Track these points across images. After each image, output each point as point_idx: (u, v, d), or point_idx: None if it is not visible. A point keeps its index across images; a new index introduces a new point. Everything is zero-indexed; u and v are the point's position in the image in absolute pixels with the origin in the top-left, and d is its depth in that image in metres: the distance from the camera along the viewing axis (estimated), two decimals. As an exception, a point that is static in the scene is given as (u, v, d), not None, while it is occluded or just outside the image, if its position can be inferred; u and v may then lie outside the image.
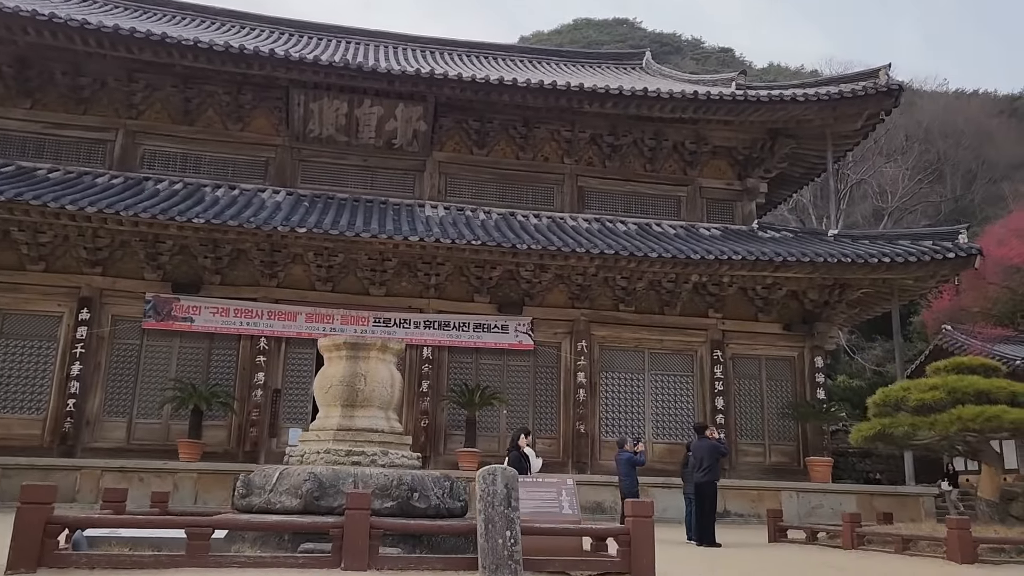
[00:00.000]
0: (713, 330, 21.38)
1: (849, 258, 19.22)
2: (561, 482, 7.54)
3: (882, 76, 21.02)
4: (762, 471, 20.68)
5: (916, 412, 9.87)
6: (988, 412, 8.88)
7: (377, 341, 7.24)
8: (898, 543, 8.14)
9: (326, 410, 7.30)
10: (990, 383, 9.37)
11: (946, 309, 23.58)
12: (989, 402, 9.26)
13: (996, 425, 8.89)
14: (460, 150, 22.45)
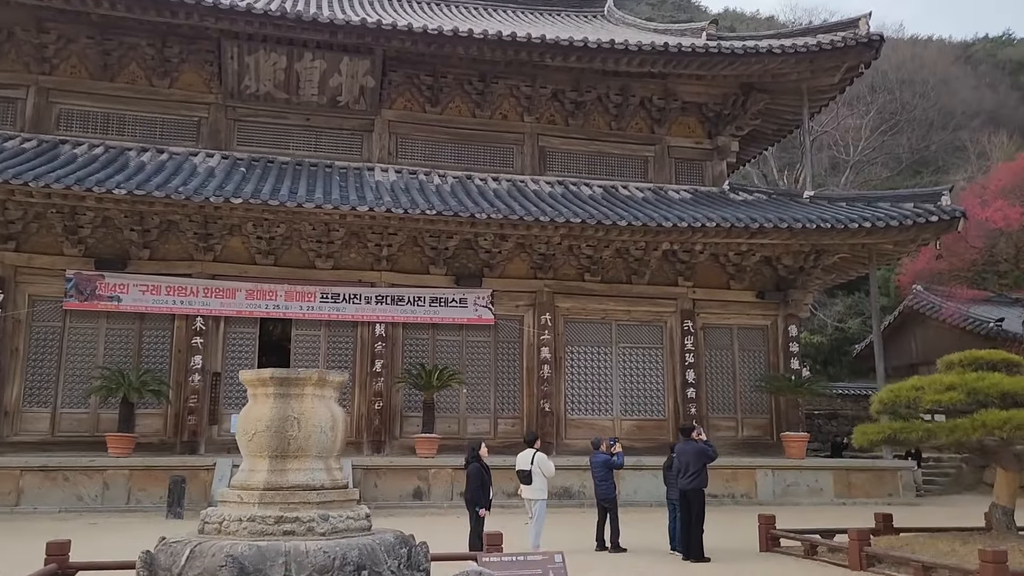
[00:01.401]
0: (683, 299, 20.27)
1: (828, 223, 18.15)
2: (548, 559, 6.17)
3: (862, 26, 19.73)
4: (734, 445, 19.84)
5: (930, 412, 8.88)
6: (1016, 418, 7.84)
7: (313, 375, 5.74)
8: (918, 570, 7.14)
9: (251, 462, 5.80)
10: (1015, 383, 8.33)
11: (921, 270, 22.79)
12: (1015, 404, 8.22)
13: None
14: (412, 108, 20.68)
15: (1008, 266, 20.82)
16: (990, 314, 23.74)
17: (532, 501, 10.85)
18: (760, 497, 17.47)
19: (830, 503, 17.56)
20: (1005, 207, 19.26)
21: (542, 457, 11.04)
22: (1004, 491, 8.82)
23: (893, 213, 18.52)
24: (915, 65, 64.25)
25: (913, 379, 9.19)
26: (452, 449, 17.00)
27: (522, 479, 11.03)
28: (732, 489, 17.43)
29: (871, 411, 10.18)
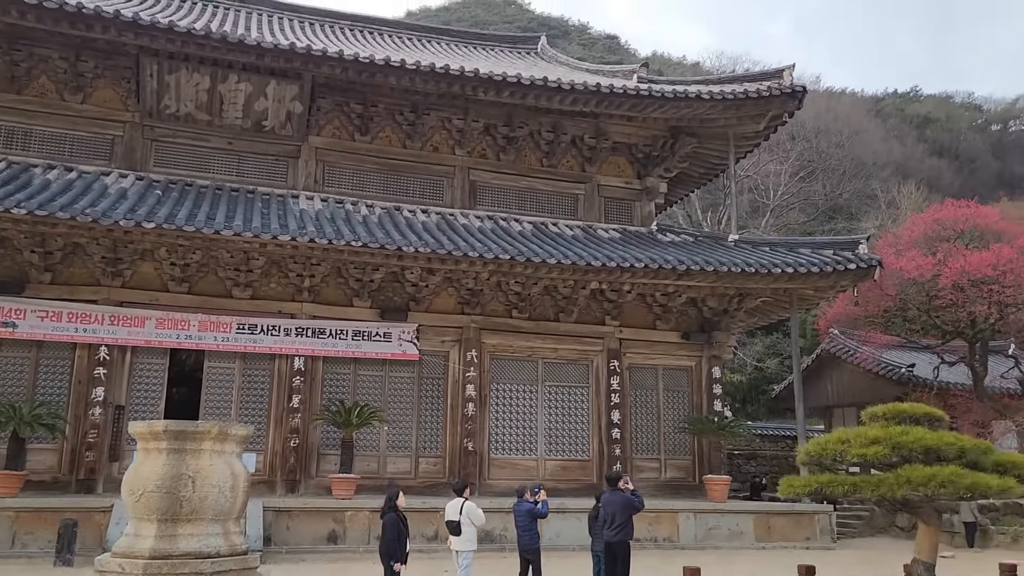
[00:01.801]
0: (610, 339, 20.21)
1: (753, 267, 18.40)
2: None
3: (786, 77, 20.29)
4: (657, 487, 19.76)
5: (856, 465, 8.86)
6: (941, 476, 7.86)
7: (213, 428, 5.22)
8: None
9: (137, 525, 5.21)
10: (938, 438, 8.38)
11: (838, 315, 23.38)
12: (938, 459, 8.25)
13: (951, 491, 7.86)
14: (340, 136, 20.18)
15: (918, 313, 21.50)
16: (901, 359, 24.51)
17: (460, 552, 10.39)
18: (682, 540, 17.34)
19: (750, 547, 17.57)
20: (918, 257, 19.93)
21: (471, 507, 10.59)
22: (925, 546, 8.83)
23: (814, 260, 18.93)
24: (830, 116, 67.24)
25: (839, 432, 9.17)
26: (371, 489, 16.35)
27: (451, 530, 10.56)
28: (655, 532, 17.25)
29: (798, 461, 10.11)
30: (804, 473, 10.08)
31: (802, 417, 20.01)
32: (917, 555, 8.96)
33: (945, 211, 22.16)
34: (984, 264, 18.72)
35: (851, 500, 9.52)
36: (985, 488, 7.98)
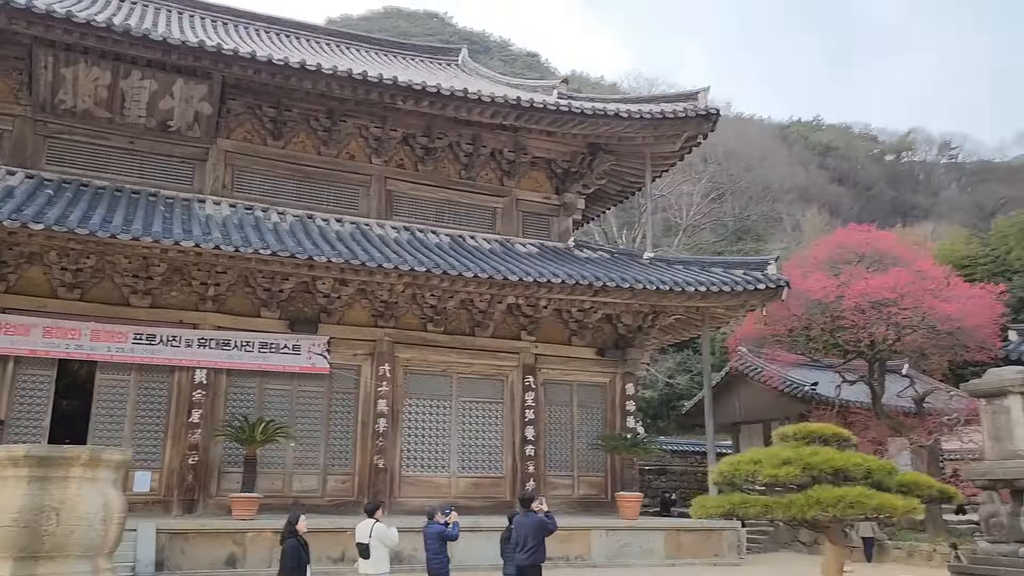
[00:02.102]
0: (525, 354, 20.06)
1: (667, 285, 18.59)
2: None
3: (701, 99, 20.69)
4: (570, 505, 19.68)
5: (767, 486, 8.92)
6: (849, 496, 7.95)
7: (82, 453, 4.68)
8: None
9: (-8, 563, 4.62)
10: (846, 459, 8.50)
11: (746, 333, 23.94)
12: (846, 480, 8.36)
13: (858, 511, 7.95)
14: (252, 140, 19.42)
15: (821, 333, 22.21)
16: (805, 378, 25.29)
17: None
18: (594, 559, 17.24)
19: (661, 564, 17.63)
20: (823, 279, 20.60)
21: (382, 528, 10.18)
22: (832, 566, 8.94)
23: (726, 279, 19.29)
24: (740, 141, 69.61)
25: (751, 451, 9.22)
26: (276, 509, 15.61)
27: (360, 553, 10.12)
28: (567, 551, 17.09)
29: (711, 480, 10.12)
30: (714, 492, 10.08)
31: (711, 433, 20.32)
32: (823, 574, 9.04)
33: (848, 235, 23.05)
34: (884, 287, 19.49)
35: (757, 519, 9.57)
36: (891, 509, 8.12)
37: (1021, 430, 10.60)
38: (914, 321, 19.47)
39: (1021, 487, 10.42)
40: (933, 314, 19.16)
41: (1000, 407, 10.88)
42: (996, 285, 21.32)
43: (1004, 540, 10.72)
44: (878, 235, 22.73)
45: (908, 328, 19.74)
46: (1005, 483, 10.72)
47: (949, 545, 17.36)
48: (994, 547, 10.75)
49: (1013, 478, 10.50)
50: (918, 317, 19.39)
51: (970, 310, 19.31)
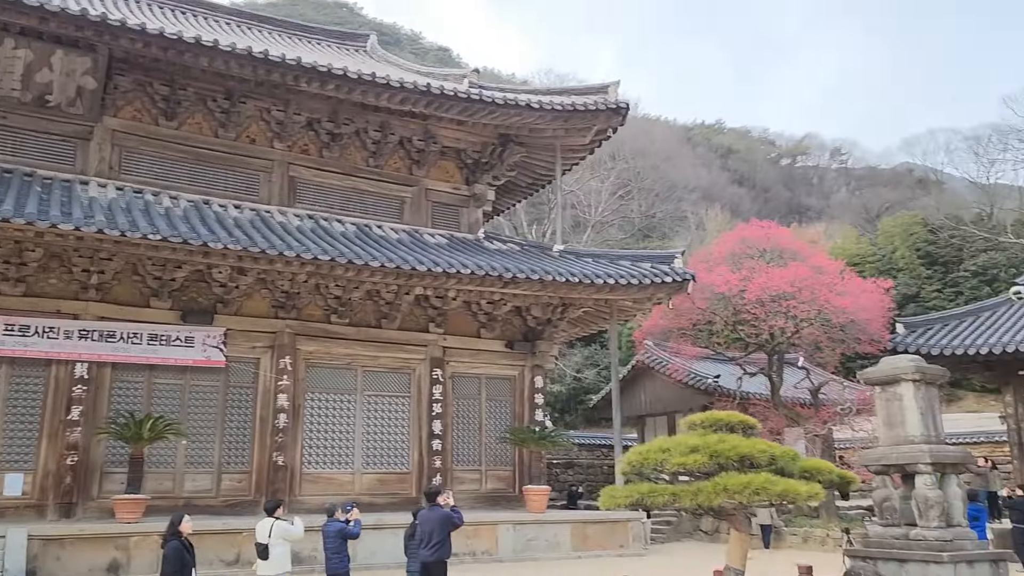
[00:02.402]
0: (433, 347, 19.65)
1: (576, 277, 18.54)
2: None
3: (611, 93, 20.73)
4: (477, 499, 19.41)
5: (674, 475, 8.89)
6: (755, 483, 7.96)
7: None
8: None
9: None
10: (752, 445, 8.53)
11: (653, 327, 24.23)
12: (752, 467, 8.37)
13: (763, 498, 7.97)
14: (143, 119, 18.25)
15: (724, 326, 22.69)
16: (708, 370, 25.85)
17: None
18: (501, 553, 17.02)
19: (567, 556, 17.58)
20: (727, 273, 21.02)
21: (283, 525, 9.66)
22: (737, 553, 8.97)
23: (634, 272, 19.40)
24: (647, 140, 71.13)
25: (659, 440, 9.16)
26: (165, 511, 14.56)
27: (259, 553, 9.56)
28: (473, 546, 16.81)
29: (619, 470, 10.01)
30: (621, 483, 9.98)
31: (618, 426, 20.42)
32: (729, 562, 9.07)
33: (750, 231, 23.67)
34: (783, 281, 20.07)
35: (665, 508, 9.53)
36: (794, 494, 8.17)
37: (913, 416, 10.94)
38: (811, 314, 20.10)
39: (912, 471, 10.74)
40: (828, 308, 19.84)
41: (894, 395, 11.21)
42: (885, 280, 22.31)
43: (896, 523, 11.04)
44: (778, 231, 23.45)
45: (805, 321, 20.37)
46: (897, 468, 11.05)
47: (842, 530, 17.99)
48: (886, 530, 11.06)
49: (905, 463, 10.83)
50: (814, 310, 20.03)
51: (862, 304, 20.10)
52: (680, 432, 9.37)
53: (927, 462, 10.58)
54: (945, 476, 10.86)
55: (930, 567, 10.07)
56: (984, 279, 38.02)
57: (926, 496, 10.55)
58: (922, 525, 10.55)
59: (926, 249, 42.56)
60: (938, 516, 10.47)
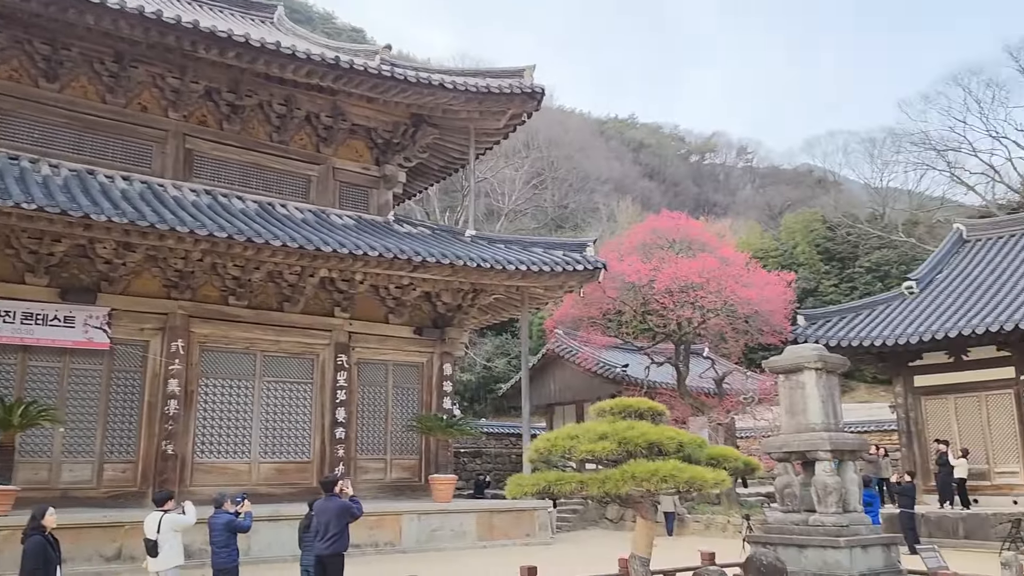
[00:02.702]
0: (339, 332, 18.94)
1: (488, 263, 18.18)
2: None
3: (527, 77, 20.44)
4: (381, 489, 18.90)
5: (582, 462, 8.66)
6: (663, 470, 7.77)
7: None
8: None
9: None
10: (660, 432, 8.35)
11: (564, 316, 24.14)
12: (660, 454, 8.20)
13: (671, 485, 7.80)
14: (20, 79, 16.81)
15: (633, 316, 22.81)
16: (617, 359, 26.00)
17: (159, 574, 8.75)
18: (404, 544, 16.56)
19: (473, 546, 17.27)
20: (637, 262, 21.09)
21: (171, 519, 8.97)
22: (643, 541, 8.80)
23: (546, 259, 19.20)
24: (561, 131, 71.52)
25: (569, 427, 8.89)
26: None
27: (147, 550, 8.86)
28: (376, 537, 16.28)
29: (527, 458, 9.72)
30: (529, 471, 9.70)
31: (527, 415, 20.23)
32: (635, 550, 8.90)
33: (661, 221, 23.87)
34: (692, 271, 20.28)
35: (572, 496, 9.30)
36: (702, 482, 8.03)
37: (814, 404, 11.07)
38: (717, 305, 20.39)
39: (813, 458, 10.88)
40: (734, 298, 20.17)
41: (797, 383, 11.32)
42: (788, 273, 22.90)
43: (796, 509, 11.17)
44: (688, 223, 23.75)
45: (712, 311, 20.66)
46: (799, 455, 11.17)
47: (742, 517, 18.35)
48: (787, 516, 11.18)
49: (806, 450, 10.95)
50: (721, 301, 20.33)
51: (766, 296, 20.53)
52: (589, 419, 9.14)
53: (827, 449, 10.71)
54: (843, 463, 11.04)
55: (827, 552, 10.20)
56: (877, 275, 39.85)
57: (825, 482, 10.69)
58: (821, 511, 10.69)
59: (824, 245, 44.29)
60: (836, 502, 10.62)
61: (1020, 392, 17.62)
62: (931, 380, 19.24)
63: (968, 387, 18.55)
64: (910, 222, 45.31)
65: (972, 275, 19.90)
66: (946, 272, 20.68)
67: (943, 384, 18.99)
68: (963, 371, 18.65)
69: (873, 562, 10.38)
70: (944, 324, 17.79)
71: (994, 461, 18.00)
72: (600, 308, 22.26)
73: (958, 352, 18.61)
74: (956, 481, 17.41)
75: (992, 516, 16.35)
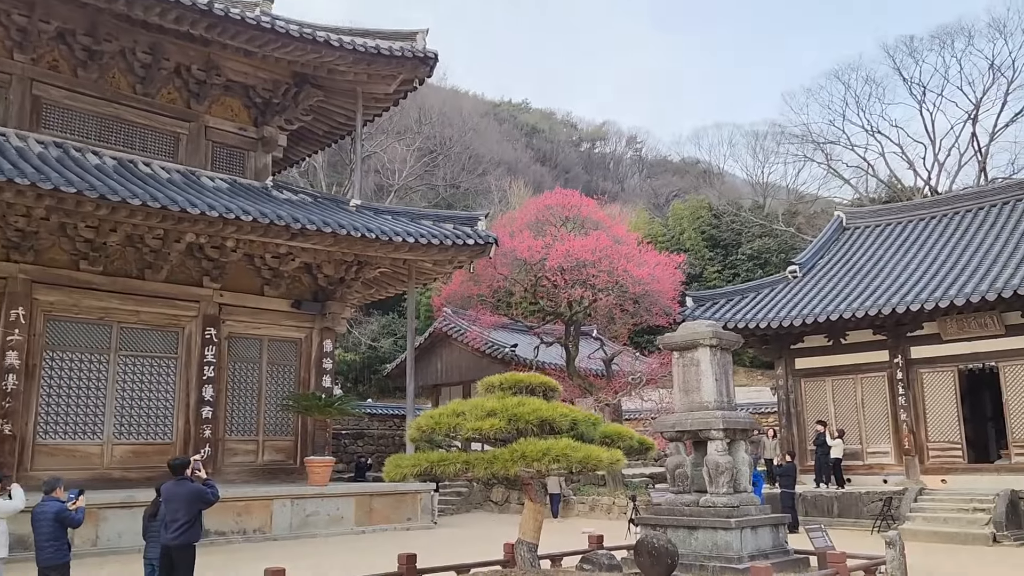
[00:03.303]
0: (208, 303, 17.48)
1: (373, 233, 17.16)
2: None
3: (419, 40, 19.44)
4: (253, 472, 17.64)
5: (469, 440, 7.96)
6: (555, 449, 7.15)
7: None
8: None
9: None
10: (553, 409, 7.73)
11: (453, 293, 23.36)
12: (552, 432, 7.59)
13: (564, 465, 7.20)
14: None
15: (524, 295, 22.29)
16: (506, 339, 25.48)
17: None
18: (276, 531, 15.45)
19: (350, 532, 16.35)
20: (529, 239, 20.53)
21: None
22: (530, 526, 8.21)
23: (435, 231, 18.35)
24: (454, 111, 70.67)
25: (455, 403, 8.16)
26: None
27: None
28: (244, 524, 15.09)
29: (408, 437, 8.92)
30: (412, 450, 8.90)
31: (412, 395, 19.37)
32: (522, 535, 8.30)
33: (555, 198, 23.41)
34: (585, 249, 19.91)
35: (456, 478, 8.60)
36: (596, 462, 7.48)
37: (708, 382, 10.80)
38: (609, 284, 20.13)
39: (706, 437, 10.61)
40: (626, 277, 19.95)
41: (691, 360, 11.04)
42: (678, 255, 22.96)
43: (687, 490, 10.90)
44: (581, 200, 23.41)
45: (603, 291, 20.38)
46: (691, 434, 10.89)
47: (628, 498, 18.20)
48: (678, 497, 10.90)
49: (699, 428, 10.67)
50: (613, 280, 20.07)
51: (657, 275, 20.43)
52: (478, 395, 8.44)
53: (720, 428, 10.46)
54: (735, 442, 10.83)
55: (718, 533, 9.95)
56: (758, 262, 41.12)
57: (717, 462, 10.44)
58: (712, 492, 10.44)
59: (710, 232, 45.38)
60: (727, 482, 10.40)
61: (893, 375, 18.20)
62: (811, 363, 19.65)
63: (845, 369, 19.04)
64: (789, 212, 47.03)
65: (851, 261, 20.46)
66: (827, 258, 21.20)
67: (822, 367, 19.43)
68: (841, 354, 19.12)
69: (762, 543, 10.22)
70: (826, 307, 18.14)
71: (867, 442, 18.56)
72: (490, 286, 21.62)
73: (837, 335, 19.06)
74: (832, 461, 17.83)
75: (864, 495, 16.80)
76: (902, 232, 20.85)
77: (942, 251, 18.84)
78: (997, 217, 19.20)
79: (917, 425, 17.80)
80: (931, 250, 19.17)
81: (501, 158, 74.43)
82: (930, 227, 20.45)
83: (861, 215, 23.08)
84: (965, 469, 17.03)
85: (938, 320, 17.20)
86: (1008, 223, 18.61)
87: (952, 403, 17.47)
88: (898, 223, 21.39)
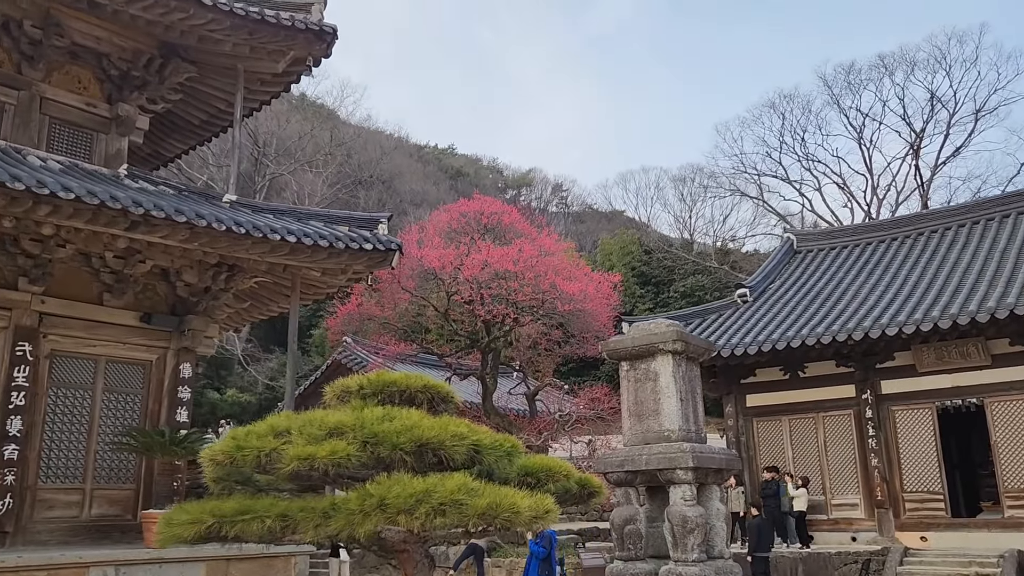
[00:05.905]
0: (24, 311, 13.64)
1: (244, 228, 13.73)
2: None
3: (315, 12, 16.39)
4: (75, 531, 13.69)
5: (297, 477, 4.72)
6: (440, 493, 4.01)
7: None
8: None
9: None
10: (442, 427, 4.60)
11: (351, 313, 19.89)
12: (440, 464, 4.42)
13: (455, 520, 4.01)
14: None
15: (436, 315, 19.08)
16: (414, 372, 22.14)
17: None
18: (90, 611, 11.56)
19: (197, 609, 12.55)
20: (441, 247, 17.41)
21: None
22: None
23: (324, 233, 15.05)
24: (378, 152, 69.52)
25: (278, 416, 4.97)
26: None
27: None
28: (44, 602, 11.17)
29: (205, 476, 5.54)
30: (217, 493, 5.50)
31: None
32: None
33: (472, 205, 20.41)
34: (506, 258, 16.90)
35: (270, 541, 5.23)
36: (510, 513, 4.33)
37: (671, 403, 7.81)
38: (535, 301, 17.12)
39: (667, 480, 7.57)
40: (553, 293, 16.98)
41: (646, 373, 8.05)
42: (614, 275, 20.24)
43: (640, 555, 7.79)
44: (503, 207, 20.51)
45: (527, 309, 17.35)
46: (647, 476, 7.84)
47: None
48: (628, 566, 7.77)
49: (657, 468, 7.65)
50: (539, 297, 17.08)
51: (591, 293, 17.57)
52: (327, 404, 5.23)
53: (688, 466, 7.44)
54: (705, 487, 7.82)
55: (687, 621, 6.86)
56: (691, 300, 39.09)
57: (684, 515, 7.37)
58: (677, 558, 7.35)
59: (640, 269, 43.39)
60: (698, 545, 7.33)
61: (861, 413, 15.69)
62: (765, 399, 17.07)
63: (804, 407, 16.53)
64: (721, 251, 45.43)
65: (807, 284, 18.12)
66: (779, 281, 18.82)
67: (778, 403, 16.88)
68: (799, 389, 16.62)
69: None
70: (784, 333, 15.60)
71: (831, 492, 15.91)
72: (396, 306, 18.30)
73: (795, 368, 16.55)
74: (795, 515, 15.03)
75: (835, 556, 14.04)
76: (862, 254, 18.66)
77: (912, 271, 16.65)
78: (969, 237, 17.18)
79: (891, 472, 15.23)
80: (899, 271, 16.96)
81: (424, 198, 72.25)
82: (892, 248, 18.32)
83: (813, 236, 20.92)
84: (948, 524, 14.48)
85: (913, 349, 14.82)
86: (983, 242, 16.56)
87: (932, 446, 15.01)
88: (855, 244, 19.23)
